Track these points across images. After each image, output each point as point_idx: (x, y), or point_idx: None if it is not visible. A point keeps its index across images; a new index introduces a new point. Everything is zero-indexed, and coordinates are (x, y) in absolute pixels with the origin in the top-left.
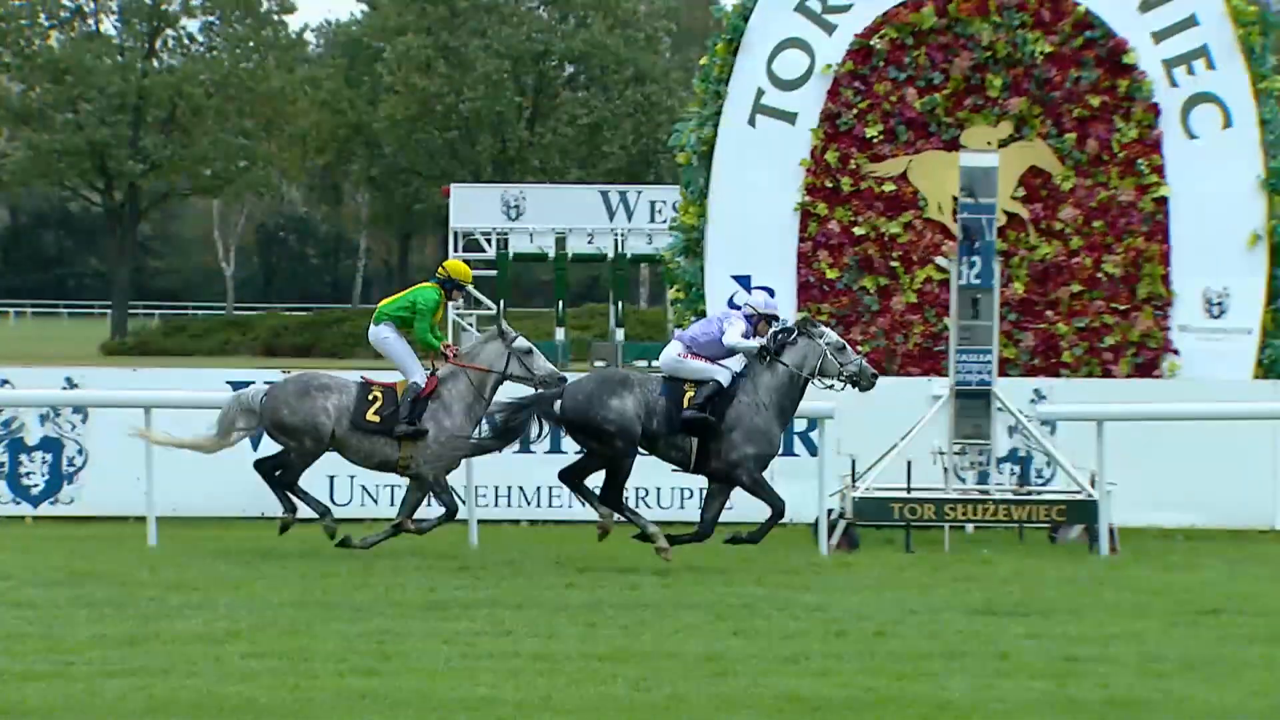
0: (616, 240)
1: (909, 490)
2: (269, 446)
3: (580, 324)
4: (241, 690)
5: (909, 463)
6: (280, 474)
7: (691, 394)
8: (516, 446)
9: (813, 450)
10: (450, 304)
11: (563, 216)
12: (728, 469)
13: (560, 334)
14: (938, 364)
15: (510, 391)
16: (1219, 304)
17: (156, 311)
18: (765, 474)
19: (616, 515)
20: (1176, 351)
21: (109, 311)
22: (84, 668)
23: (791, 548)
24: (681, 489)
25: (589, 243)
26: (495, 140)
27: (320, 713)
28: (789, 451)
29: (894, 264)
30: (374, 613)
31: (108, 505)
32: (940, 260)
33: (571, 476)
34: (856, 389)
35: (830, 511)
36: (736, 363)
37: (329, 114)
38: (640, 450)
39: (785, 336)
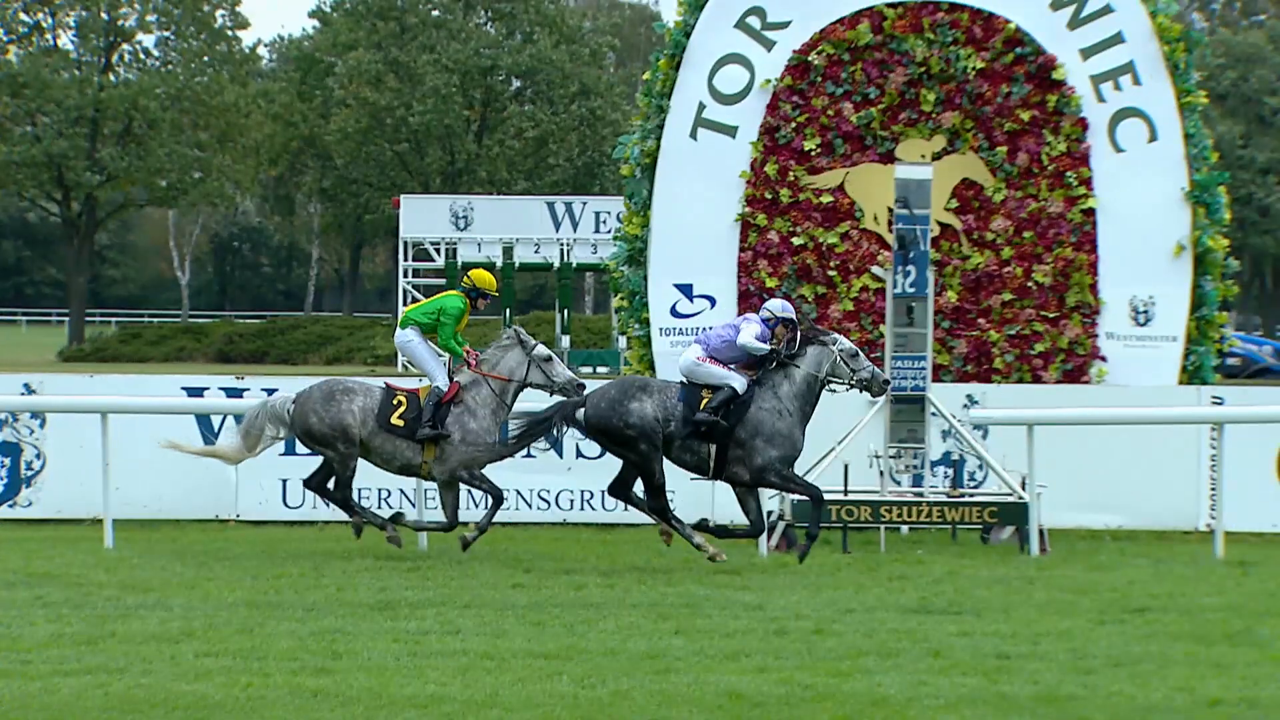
0: (562, 250)
1: (846, 493)
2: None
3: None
4: (196, 688)
5: (846, 466)
6: (333, 489)
7: (708, 399)
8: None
9: None
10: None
11: (510, 227)
12: (756, 474)
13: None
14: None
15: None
16: (1145, 312)
17: (113, 319)
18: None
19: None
20: (1104, 358)
21: (66, 319)
22: (42, 666)
23: (732, 548)
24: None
25: (535, 252)
26: (444, 153)
27: (273, 710)
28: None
29: (831, 273)
30: (325, 612)
31: (65, 508)
32: (876, 269)
33: (618, 489)
34: (868, 394)
35: (769, 513)
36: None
37: (281, 127)
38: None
39: (801, 343)
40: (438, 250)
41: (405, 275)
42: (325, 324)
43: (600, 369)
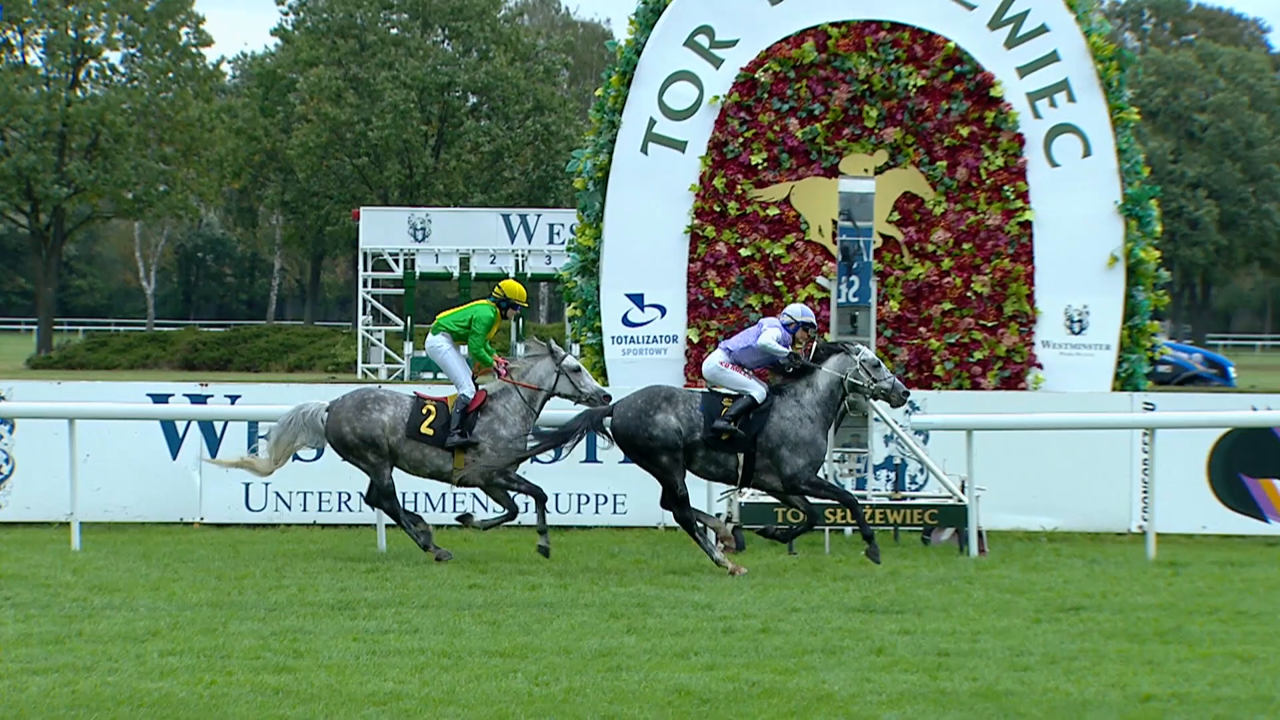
0: (517, 260)
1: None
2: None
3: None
4: (161, 686)
5: None
6: (388, 505)
7: (728, 407)
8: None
9: None
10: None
11: (466, 238)
12: (788, 483)
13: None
14: None
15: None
16: (1079, 321)
17: (80, 327)
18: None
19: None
20: (1040, 365)
21: (35, 327)
22: (10, 665)
23: (681, 549)
24: (579, 494)
25: (491, 263)
26: (402, 166)
27: (236, 707)
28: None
29: (778, 283)
30: (287, 612)
31: (34, 511)
32: (821, 280)
33: (667, 504)
34: (888, 404)
35: (718, 515)
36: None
37: (244, 141)
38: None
39: (824, 352)
40: (396, 261)
41: (365, 285)
42: (287, 332)
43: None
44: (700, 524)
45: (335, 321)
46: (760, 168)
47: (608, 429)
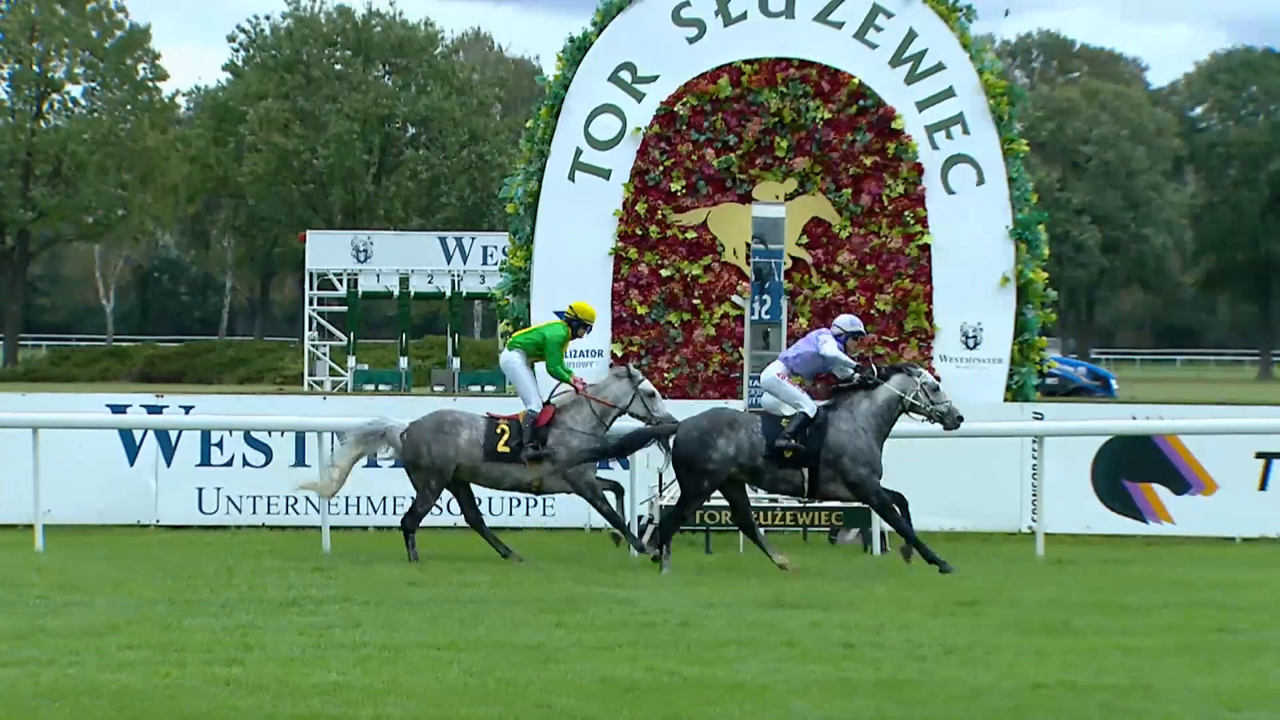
0: (453, 280)
1: (709, 499)
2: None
3: (421, 354)
4: (119, 678)
5: None
6: (411, 524)
7: (787, 425)
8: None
9: (625, 464)
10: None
11: (406, 259)
12: (856, 491)
13: (404, 362)
14: (734, 389)
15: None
16: (974, 337)
17: (44, 343)
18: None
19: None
20: (938, 378)
21: (1, 343)
22: None
23: (605, 549)
24: (512, 499)
25: (429, 282)
26: (346, 192)
27: (189, 698)
28: (604, 466)
29: (696, 301)
30: (238, 609)
31: (0, 514)
32: (736, 298)
33: (737, 519)
34: (942, 426)
35: (640, 517)
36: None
37: (198, 169)
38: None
39: (887, 371)
40: (340, 280)
41: (311, 303)
42: (238, 347)
43: (488, 387)
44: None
45: (283, 337)
46: (679, 194)
47: (669, 444)
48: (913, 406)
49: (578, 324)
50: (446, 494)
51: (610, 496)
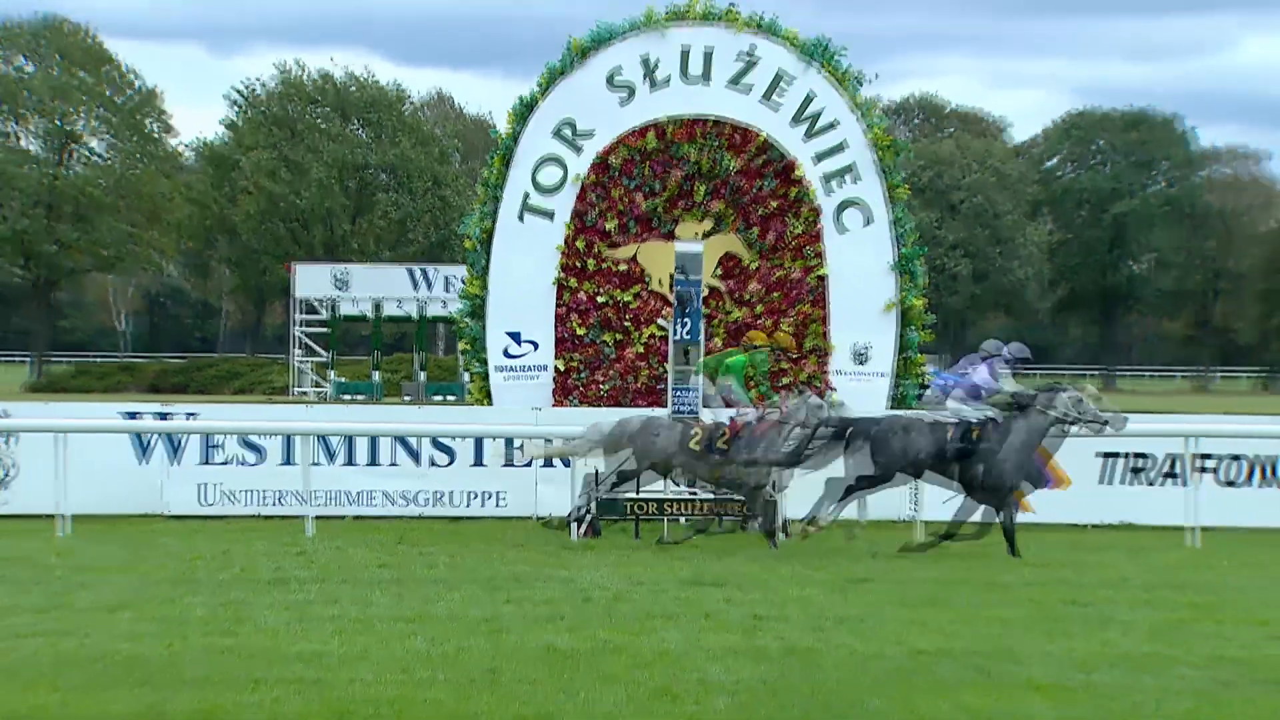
0: (419, 305)
1: (638, 492)
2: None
3: (392, 368)
4: (129, 647)
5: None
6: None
7: (950, 434)
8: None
9: (566, 463)
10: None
11: (379, 288)
12: (993, 491)
13: (376, 376)
14: (659, 398)
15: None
16: (863, 354)
17: (67, 359)
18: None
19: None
20: (834, 389)
21: (30, 359)
22: (5, 630)
23: (549, 536)
24: (470, 492)
25: (399, 307)
26: (326, 230)
27: (190, 664)
28: (548, 463)
29: (627, 324)
30: (232, 587)
31: (28, 505)
32: (661, 321)
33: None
34: (1089, 431)
35: (579, 508)
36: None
37: (199, 210)
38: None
39: (1045, 389)
40: (322, 305)
41: (297, 325)
42: (233, 363)
43: (449, 397)
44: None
45: (273, 354)
46: (613, 233)
47: (866, 440)
48: (1060, 420)
49: (755, 349)
50: (396, 484)
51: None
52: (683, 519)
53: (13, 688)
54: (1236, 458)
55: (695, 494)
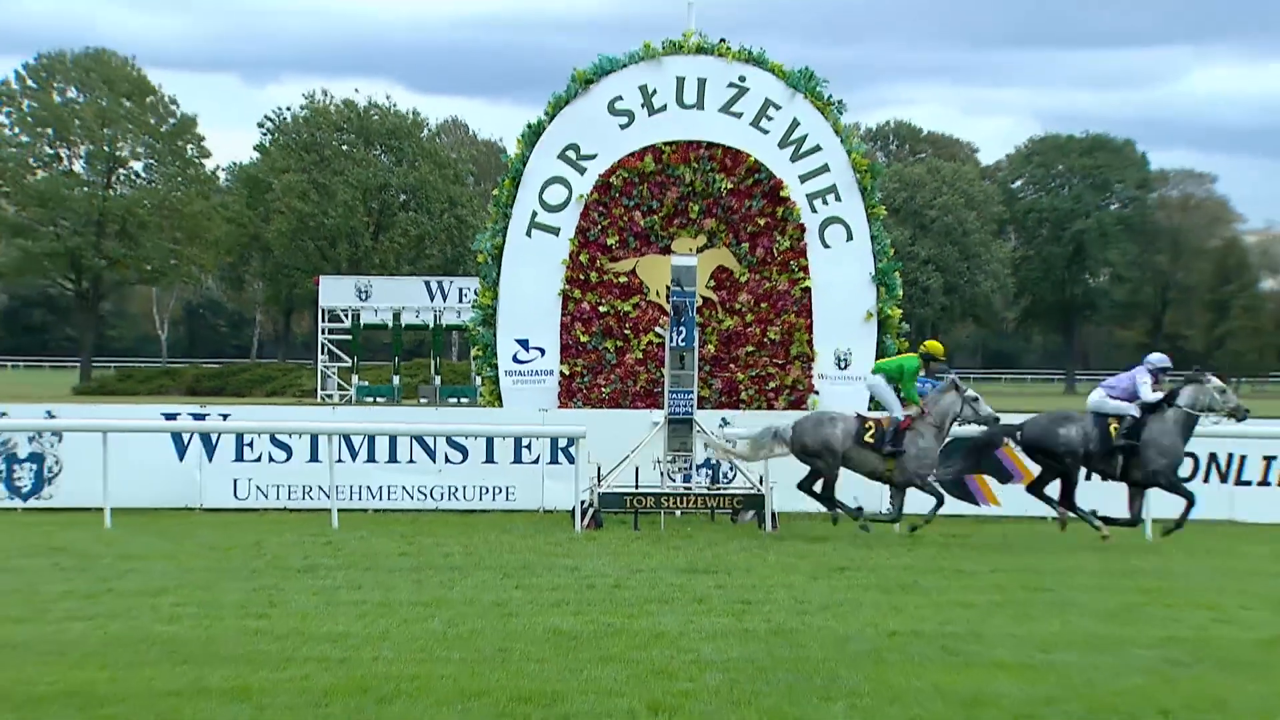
0: (435, 315)
1: (637, 487)
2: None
3: (410, 372)
4: (170, 629)
5: (636, 468)
6: (818, 490)
7: (1115, 425)
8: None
9: (570, 460)
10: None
11: (399, 299)
12: (1149, 477)
13: (396, 380)
14: (657, 401)
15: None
16: (845, 360)
17: (112, 364)
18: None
19: (1069, 513)
20: (817, 392)
21: (78, 364)
22: (57, 613)
23: (555, 527)
24: (481, 487)
25: (417, 317)
26: (350, 246)
27: (226, 644)
28: (554, 460)
29: (627, 331)
30: (264, 574)
31: (76, 499)
32: (658, 329)
33: (1037, 488)
34: (1234, 420)
35: (583, 501)
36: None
37: (234, 228)
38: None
39: (1184, 381)
40: (346, 315)
41: (323, 333)
42: (265, 368)
43: (463, 400)
44: (1086, 511)
45: (301, 359)
46: (614, 247)
47: (1017, 438)
48: (1208, 408)
49: (929, 357)
50: (414, 479)
51: (933, 500)
52: (678, 511)
53: (65, 665)
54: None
55: (689, 489)
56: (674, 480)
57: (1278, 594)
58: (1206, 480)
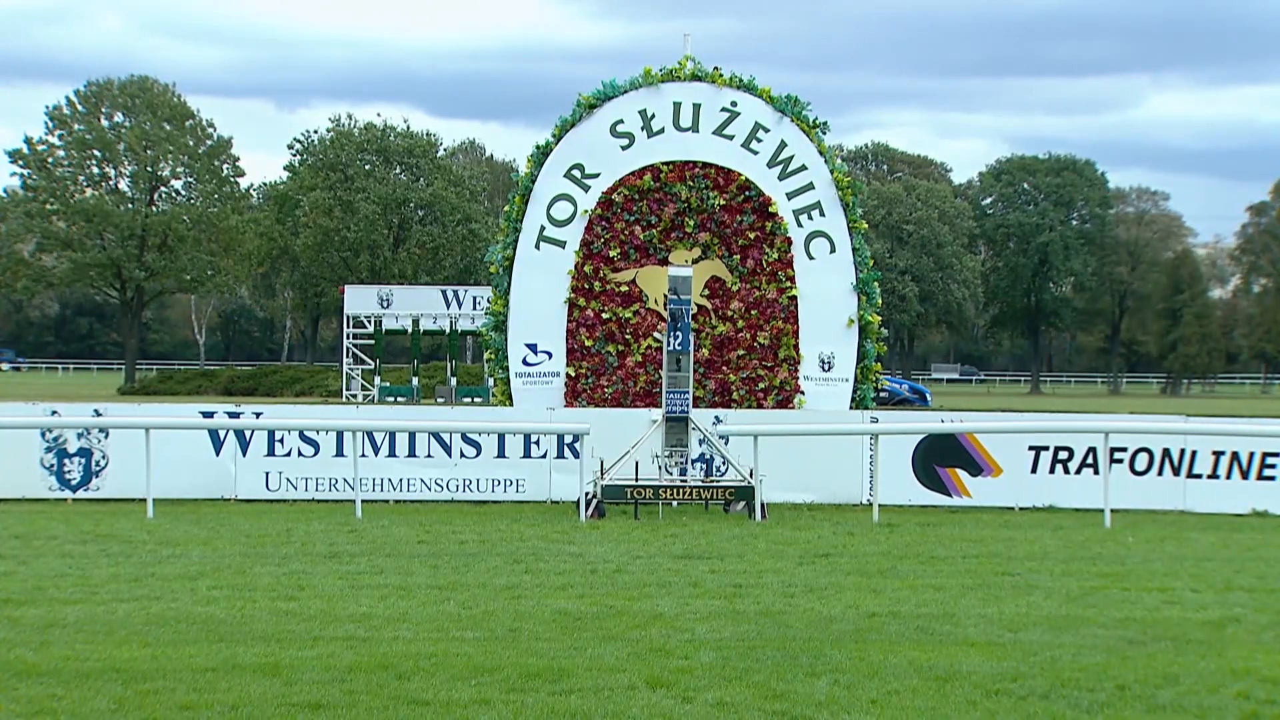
0: (451, 321)
1: (637, 480)
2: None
3: (428, 375)
4: (207, 610)
5: (636, 463)
6: None
7: None
8: None
9: (575, 455)
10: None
11: (417, 306)
12: None
13: (415, 381)
14: (655, 400)
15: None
16: (829, 363)
17: (154, 367)
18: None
19: None
20: (803, 393)
21: (122, 367)
22: (104, 595)
23: (561, 517)
24: (493, 479)
25: (434, 323)
26: (372, 258)
27: (258, 623)
28: (561, 455)
29: (628, 336)
30: (293, 560)
31: (121, 491)
32: (656, 335)
33: None
34: None
35: (587, 493)
36: None
37: (265, 241)
38: None
39: None
40: (369, 321)
41: (348, 338)
42: (294, 370)
43: (476, 399)
44: None
45: (327, 362)
46: (616, 259)
47: None
48: None
49: None
50: (431, 472)
51: None
52: (675, 503)
53: (110, 643)
54: (1142, 450)
55: (685, 482)
56: (671, 474)
57: (1225, 578)
58: (1160, 474)
